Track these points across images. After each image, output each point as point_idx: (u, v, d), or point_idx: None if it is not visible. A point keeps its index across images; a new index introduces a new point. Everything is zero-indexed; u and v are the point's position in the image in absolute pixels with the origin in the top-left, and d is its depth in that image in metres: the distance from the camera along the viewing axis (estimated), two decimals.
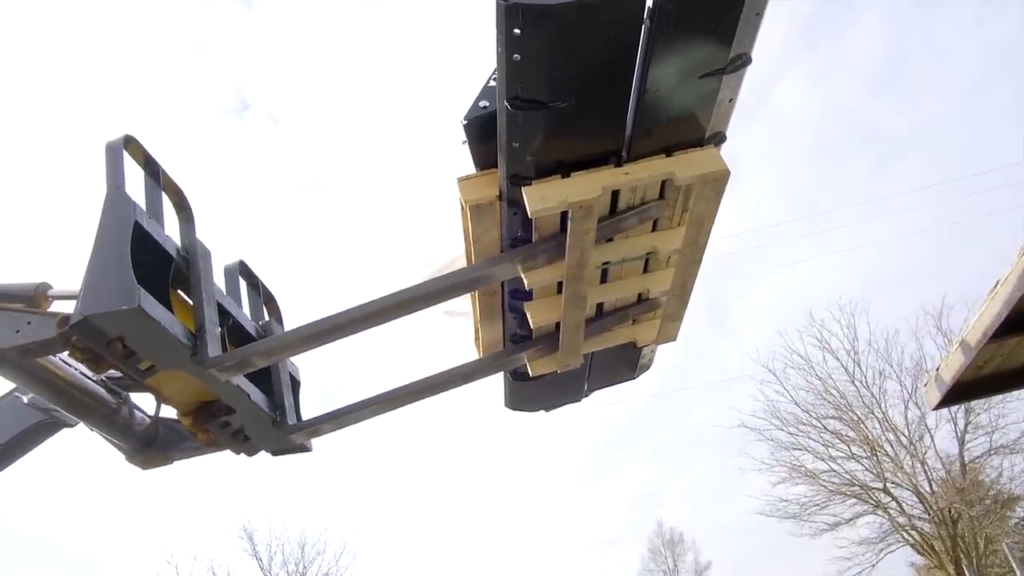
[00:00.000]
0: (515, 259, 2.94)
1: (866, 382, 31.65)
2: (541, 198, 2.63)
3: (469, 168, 2.93)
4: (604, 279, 3.18)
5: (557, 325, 3.25)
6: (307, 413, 3.66)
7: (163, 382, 3.20)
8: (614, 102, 2.54)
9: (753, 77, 2.59)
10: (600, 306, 3.33)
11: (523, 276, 2.99)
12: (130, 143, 3.18)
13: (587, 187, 2.63)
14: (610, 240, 2.98)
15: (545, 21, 2.23)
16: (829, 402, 31.86)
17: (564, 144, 2.63)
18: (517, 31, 2.25)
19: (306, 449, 3.70)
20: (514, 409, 4.12)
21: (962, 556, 29.90)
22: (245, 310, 3.71)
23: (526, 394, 3.99)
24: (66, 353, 3.39)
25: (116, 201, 2.94)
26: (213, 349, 3.00)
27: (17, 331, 2.99)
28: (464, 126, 2.77)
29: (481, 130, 2.78)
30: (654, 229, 3.00)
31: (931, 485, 31.83)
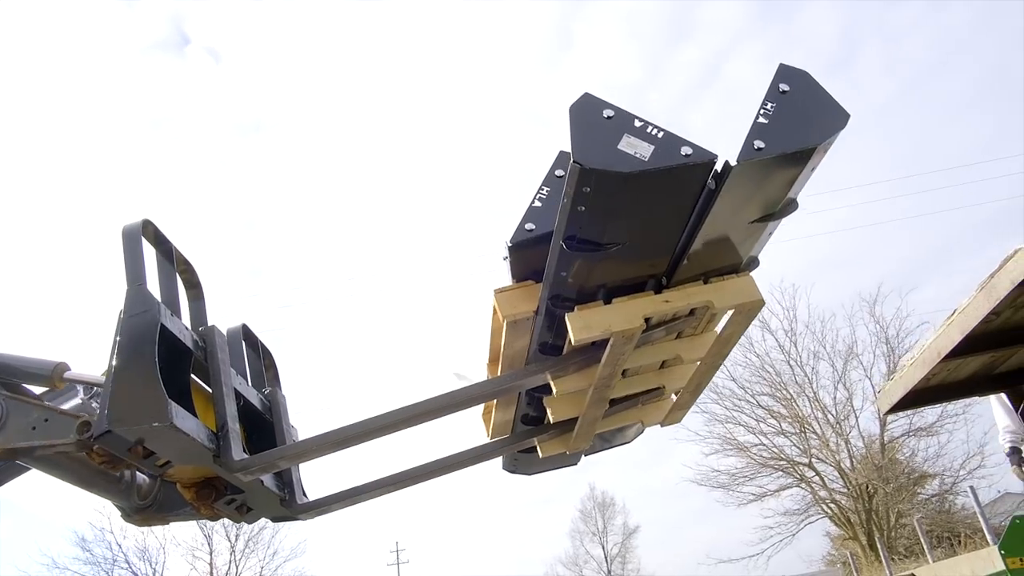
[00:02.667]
0: (546, 369, 2.98)
1: (800, 362, 33.00)
2: (585, 326, 2.67)
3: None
4: (623, 374, 3.26)
5: None
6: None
7: (175, 469, 3.17)
8: (665, 242, 2.59)
9: (709, 51, 2.65)
10: None
11: (552, 383, 3.04)
12: (147, 227, 3.10)
13: (629, 316, 2.68)
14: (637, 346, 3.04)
15: (618, 185, 2.25)
16: (765, 379, 33.12)
17: (609, 272, 2.67)
18: (587, 189, 2.27)
19: (307, 518, 3.70)
20: (512, 472, 4.18)
21: (875, 529, 31.63)
22: (248, 377, 3.67)
23: (525, 459, 4.07)
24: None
25: (140, 301, 2.86)
26: (236, 451, 2.97)
27: (33, 428, 2.90)
28: (509, 249, 2.78)
29: (523, 249, 2.80)
30: (678, 336, 3.08)
31: (852, 462, 33.51)
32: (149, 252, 3.18)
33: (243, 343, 3.73)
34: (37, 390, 3.38)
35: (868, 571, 27.58)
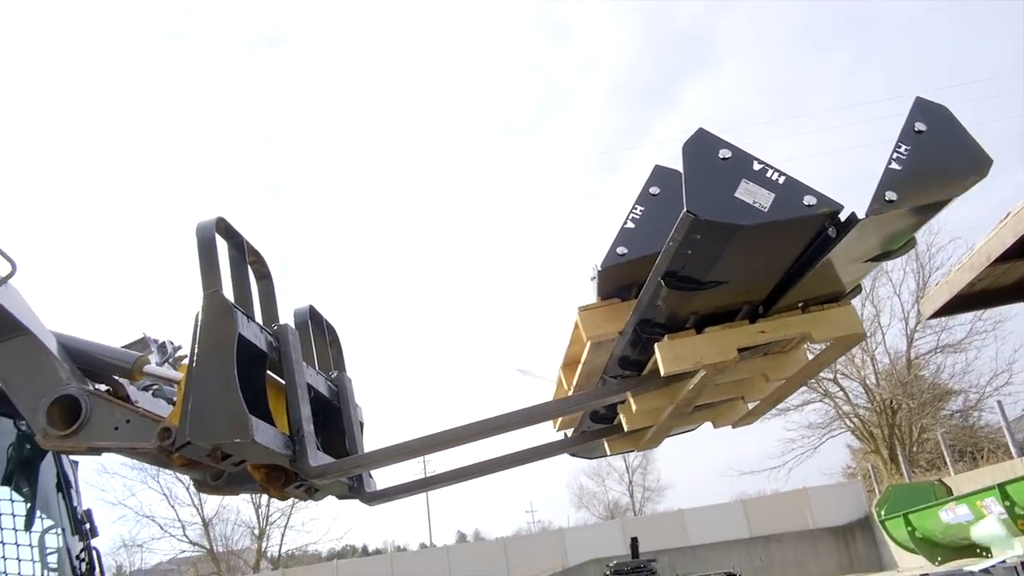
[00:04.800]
0: (628, 388, 2.89)
1: None
2: (676, 358, 2.55)
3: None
4: None
5: None
6: None
7: None
8: (769, 279, 2.44)
9: None
10: None
11: (631, 400, 2.95)
12: (219, 223, 3.00)
13: (722, 348, 2.55)
14: None
15: (729, 235, 2.09)
16: None
17: (704, 302, 2.53)
18: (698, 237, 2.11)
19: (373, 505, 3.73)
20: (573, 456, 4.16)
21: (897, 443, 32.02)
22: (316, 362, 3.63)
23: (587, 445, 4.04)
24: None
25: (217, 309, 2.79)
26: (312, 456, 2.96)
27: (116, 428, 2.88)
28: (599, 273, 2.64)
29: (613, 271, 2.66)
30: (765, 354, 2.96)
31: (877, 378, 33.64)
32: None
33: (310, 324, 3.67)
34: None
35: (889, 483, 28.07)
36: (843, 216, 2.13)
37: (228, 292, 2.99)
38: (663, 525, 31.96)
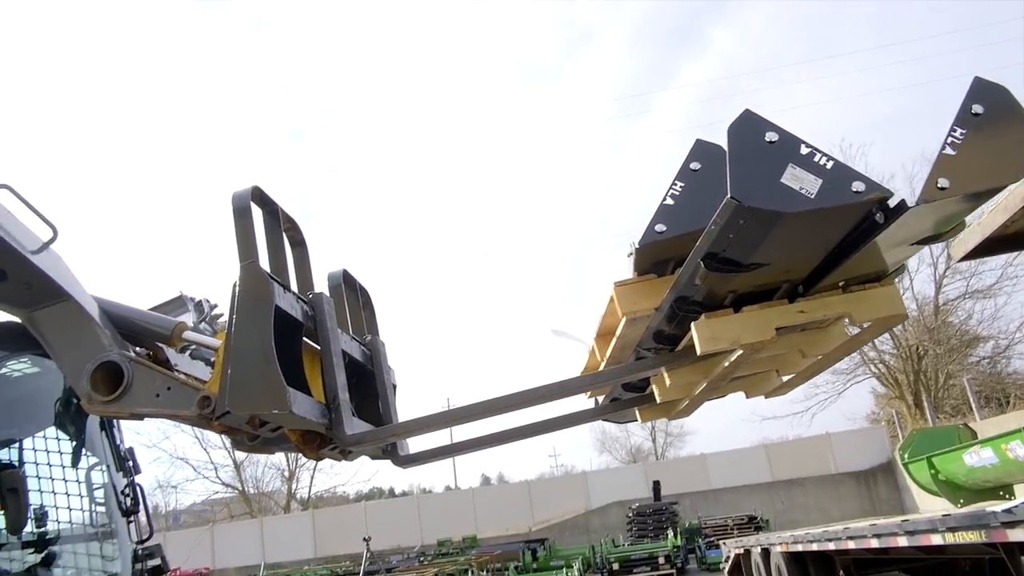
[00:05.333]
0: (663, 363, 2.88)
1: None
2: (712, 337, 2.52)
3: None
4: None
5: None
6: None
7: None
8: (812, 260, 2.39)
9: None
10: None
11: (665, 374, 2.95)
12: (255, 192, 3.00)
13: (760, 327, 2.52)
14: None
15: (773, 221, 2.04)
16: None
17: (743, 282, 2.49)
18: (742, 222, 2.07)
19: (405, 468, 3.80)
20: (604, 420, 4.19)
21: (922, 389, 31.86)
22: (349, 327, 3.65)
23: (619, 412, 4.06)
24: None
25: (254, 280, 2.81)
26: (347, 424, 3.00)
27: (157, 395, 2.93)
28: (636, 250, 2.60)
29: (651, 248, 2.62)
30: (803, 330, 2.92)
31: (903, 324, 33.27)
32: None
33: (343, 287, 3.68)
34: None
35: (913, 428, 28.08)
36: (892, 202, 2.07)
37: (264, 259, 3.01)
38: (685, 469, 32.35)
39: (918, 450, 15.77)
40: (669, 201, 2.57)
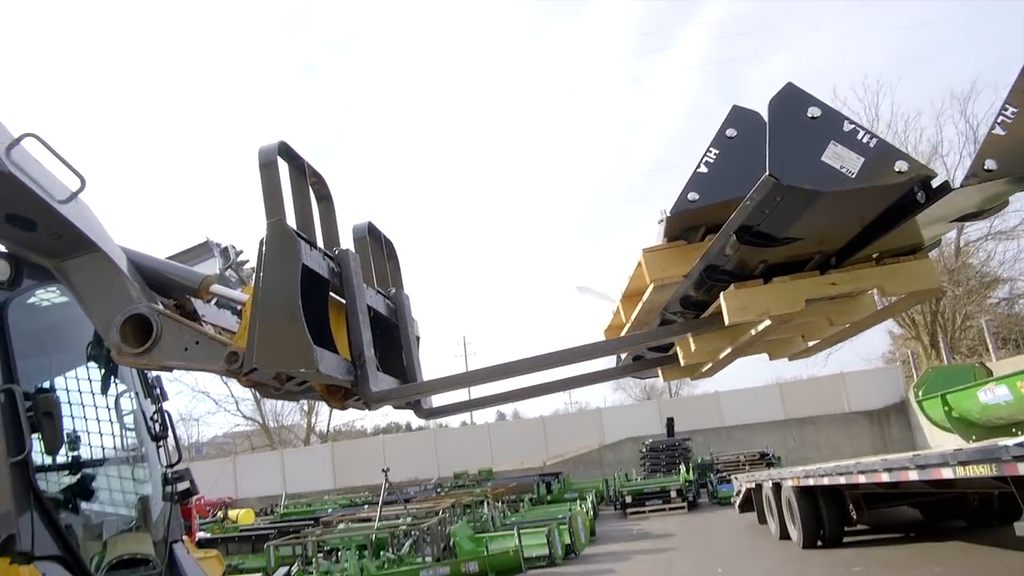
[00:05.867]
0: (689, 330, 2.87)
1: None
2: (741, 308, 2.50)
3: None
4: None
5: None
6: None
7: None
8: (847, 234, 2.35)
9: None
10: None
11: (691, 339, 2.94)
12: (281, 147, 2.98)
13: (790, 299, 2.49)
14: None
15: (811, 199, 2.00)
16: None
17: (776, 253, 2.46)
18: (778, 199, 2.03)
19: (428, 419, 3.86)
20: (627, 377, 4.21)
21: (939, 329, 31.74)
22: (374, 281, 3.66)
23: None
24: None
25: (281, 238, 2.80)
26: (373, 381, 3.03)
27: (185, 349, 2.96)
28: (667, 218, 2.56)
29: (682, 216, 2.58)
30: (832, 298, 2.89)
31: None
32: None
33: (368, 239, 3.67)
34: None
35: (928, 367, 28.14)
36: (935, 182, 2.02)
37: (290, 214, 2.99)
38: (699, 406, 32.66)
39: (933, 387, 15.82)
40: (703, 169, 2.52)
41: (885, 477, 8.58)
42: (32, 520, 3.51)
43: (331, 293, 3.23)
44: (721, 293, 2.54)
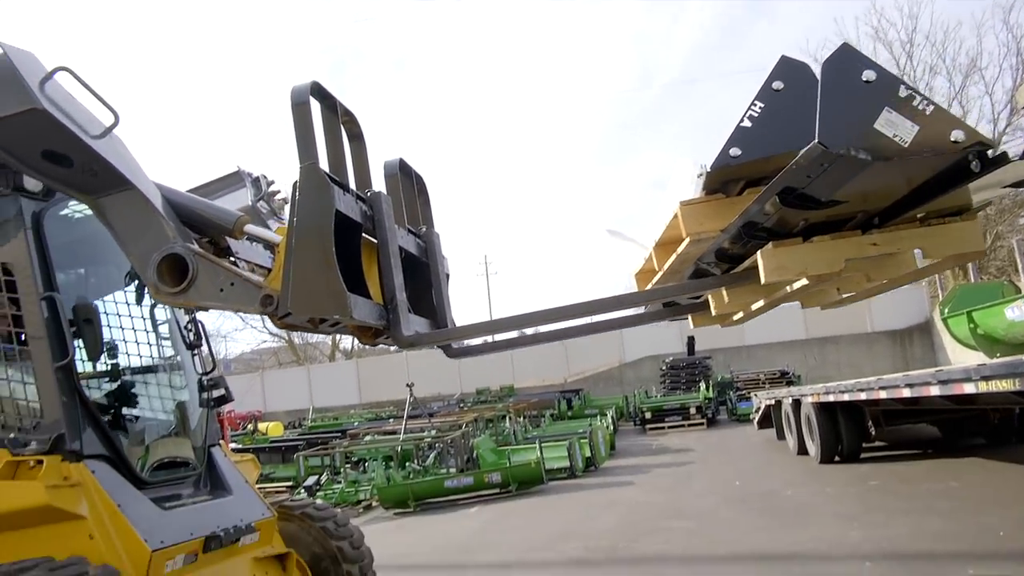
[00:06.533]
0: (724, 284, 2.85)
1: (914, 78, 30.41)
2: (779, 267, 2.47)
3: None
4: None
5: None
6: None
7: None
8: (892, 198, 2.28)
9: None
10: None
11: (724, 292, 2.92)
12: (314, 87, 2.93)
13: (829, 259, 2.44)
14: None
15: (860, 167, 1.93)
16: None
17: (816, 213, 2.40)
18: (825, 166, 1.96)
19: (456, 358, 3.91)
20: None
21: None
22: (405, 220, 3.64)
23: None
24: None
25: (314, 184, 2.79)
26: (405, 325, 3.05)
27: (221, 290, 2.98)
28: (707, 173, 2.49)
29: (723, 171, 2.51)
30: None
31: None
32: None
33: (399, 176, 3.63)
34: None
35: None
36: (991, 152, 1.94)
37: (322, 152, 2.96)
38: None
39: (959, 305, 15.72)
40: (746, 123, 2.42)
41: (907, 392, 8.63)
42: (80, 421, 3.63)
43: (363, 234, 3.23)
44: (759, 252, 2.51)
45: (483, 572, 7.52)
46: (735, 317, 3.32)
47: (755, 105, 2.43)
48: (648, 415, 21.29)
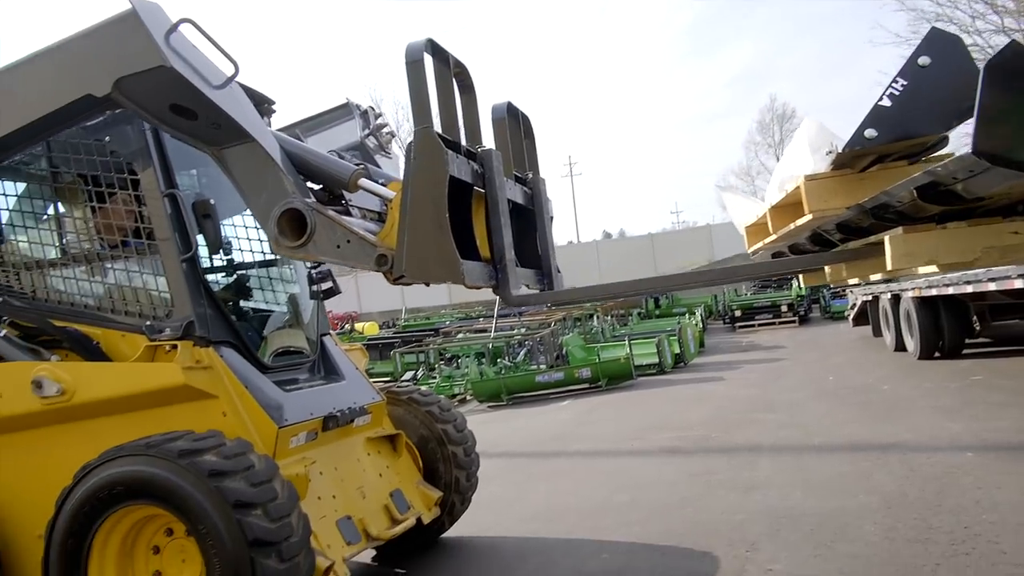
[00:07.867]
0: (846, 259, 2.76)
1: None
2: (907, 254, 2.35)
3: None
4: None
5: None
6: None
7: None
8: None
9: None
10: None
11: (844, 268, 2.83)
12: (428, 43, 2.94)
13: (964, 248, 2.31)
14: None
15: (1015, 176, 1.79)
16: None
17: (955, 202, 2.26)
18: (972, 172, 1.85)
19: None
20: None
21: None
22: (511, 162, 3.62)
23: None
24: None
25: (429, 149, 2.84)
26: (514, 284, 3.11)
27: (338, 246, 3.10)
28: (839, 153, 2.37)
29: (855, 151, 2.39)
30: None
31: None
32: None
33: (507, 119, 3.58)
34: None
35: None
36: None
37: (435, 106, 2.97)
38: None
39: None
40: (885, 102, 2.27)
41: (1019, 284, 8.26)
42: (206, 310, 3.88)
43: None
44: (887, 236, 2.40)
45: (577, 459, 7.74)
46: (839, 277, 3.22)
47: (896, 83, 2.28)
48: (738, 313, 21.05)
